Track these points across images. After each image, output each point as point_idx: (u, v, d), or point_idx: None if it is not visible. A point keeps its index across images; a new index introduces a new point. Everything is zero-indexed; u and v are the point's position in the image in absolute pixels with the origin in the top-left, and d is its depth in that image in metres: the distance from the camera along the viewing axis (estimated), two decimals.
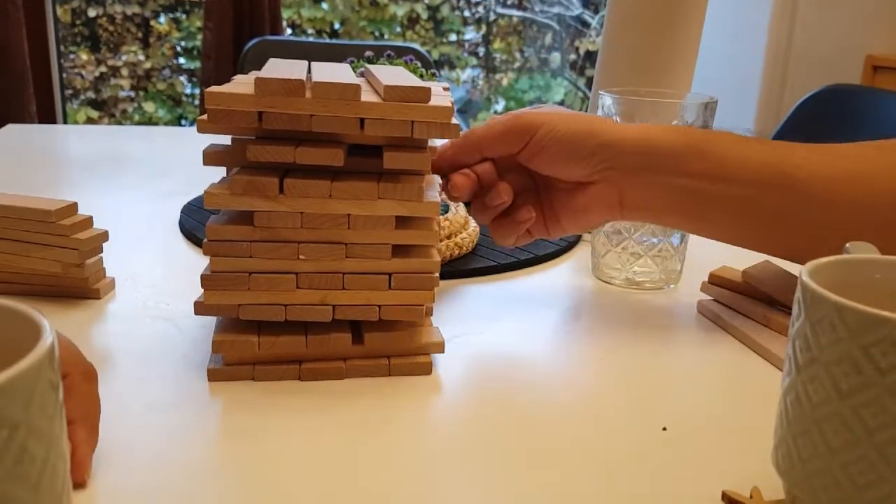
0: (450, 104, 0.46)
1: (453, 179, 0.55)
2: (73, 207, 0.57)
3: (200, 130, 0.45)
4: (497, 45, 3.36)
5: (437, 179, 0.56)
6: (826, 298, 0.32)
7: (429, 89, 0.45)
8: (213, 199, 0.45)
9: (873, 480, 0.31)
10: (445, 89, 0.53)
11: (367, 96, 0.45)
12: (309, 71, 0.51)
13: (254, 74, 0.54)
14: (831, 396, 0.32)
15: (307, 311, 0.47)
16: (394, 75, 0.49)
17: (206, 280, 0.46)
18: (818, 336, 0.32)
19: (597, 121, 0.56)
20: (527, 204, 0.57)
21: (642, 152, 0.54)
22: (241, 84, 0.47)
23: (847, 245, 0.43)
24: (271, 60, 0.53)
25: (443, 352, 0.50)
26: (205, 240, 0.46)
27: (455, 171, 0.56)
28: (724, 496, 0.38)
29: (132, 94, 3.09)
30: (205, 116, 0.45)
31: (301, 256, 0.46)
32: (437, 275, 0.48)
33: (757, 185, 0.54)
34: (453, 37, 3.33)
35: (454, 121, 0.46)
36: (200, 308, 0.47)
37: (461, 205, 0.77)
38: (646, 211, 0.56)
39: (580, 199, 0.56)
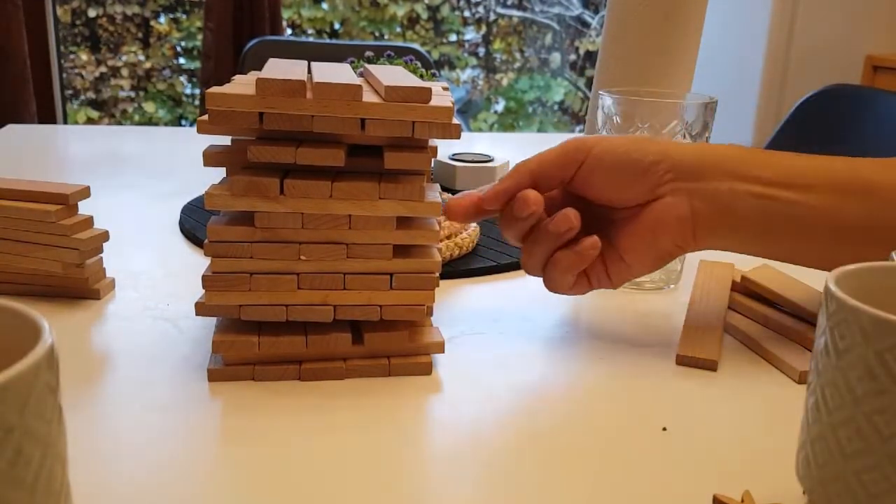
0: (450, 104, 0.46)
1: (525, 194, 0.49)
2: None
3: (200, 131, 0.45)
4: (497, 45, 3.36)
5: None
6: (844, 302, 0.31)
7: (430, 89, 0.45)
8: (213, 200, 0.45)
9: (886, 490, 0.31)
10: (445, 89, 0.53)
11: (367, 96, 0.45)
12: (309, 71, 0.51)
13: (254, 75, 0.54)
14: (846, 401, 0.31)
15: (308, 312, 0.47)
16: (393, 75, 0.49)
17: (207, 281, 0.46)
18: (836, 340, 0.32)
19: (649, 137, 0.52)
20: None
21: (704, 160, 0.51)
22: (242, 85, 0.47)
23: (894, 253, 0.42)
24: (271, 60, 0.53)
25: (443, 352, 0.50)
26: (206, 240, 0.46)
27: (500, 201, 0.51)
28: (715, 500, 0.38)
29: (132, 94, 3.09)
30: (205, 117, 0.45)
31: (302, 257, 0.46)
32: (437, 274, 0.48)
33: (835, 193, 0.50)
34: (453, 37, 3.33)
35: (455, 121, 0.46)
36: (201, 309, 0.47)
37: None
38: (720, 225, 0.51)
39: (646, 220, 0.51)
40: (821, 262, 0.53)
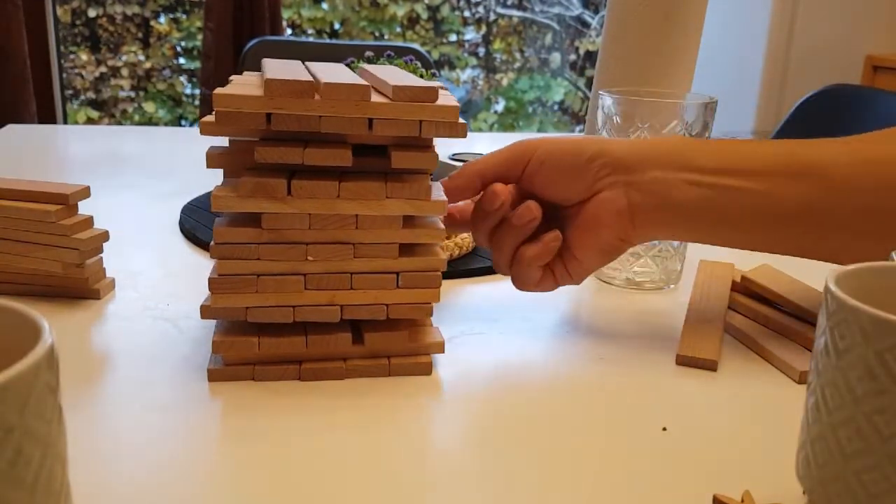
0: (456, 103, 0.46)
1: (494, 187, 0.51)
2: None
3: (204, 132, 0.45)
4: (497, 45, 3.35)
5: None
6: (844, 302, 0.31)
7: (436, 89, 0.45)
8: (220, 202, 0.45)
9: (886, 490, 0.30)
10: (443, 89, 0.53)
11: (372, 96, 0.46)
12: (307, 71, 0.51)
13: (249, 75, 0.54)
14: (846, 401, 0.31)
15: (315, 312, 0.47)
16: (395, 75, 0.50)
17: (213, 283, 0.46)
18: (836, 340, 0.32)
19: (591, 136, 0.55)
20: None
21: (643, 153, 0.52)
22: (247, 85, 0.47)
23: (893, 253, 0.42)
24: (269, 60, 0.53)
25: (443, 352, 0.50)
26: (212, 243, 0.46)
27: (449, 199, 0.52)
28: (715, 500, 0.38)
29: (132, 94, 3.09)
30: (208, 118, 0.45)
31: (309, 257, 0.46)
32: (441, 273, 0.48)
33: (776, 177, 0.50)
34: (453, 37, 3.33)
35: (461, 120, 0.46)
36: (207, 312, 0.47)
37: None
38: (657, 215, 0.51)
39: (587, 215, 0.52)
40: (764, 245, 0.53)
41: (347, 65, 0.80)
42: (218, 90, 0.44)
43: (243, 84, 0.48)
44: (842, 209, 0.50)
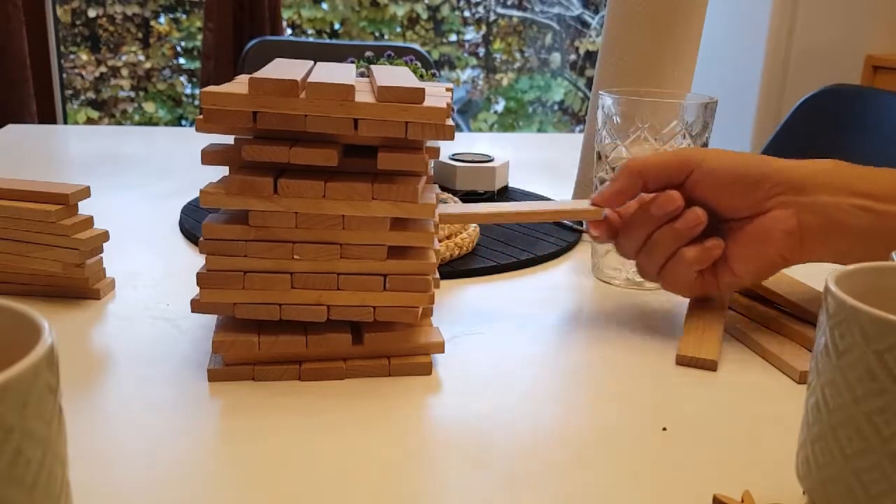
0: (445, 105, 0.45)
1: (670, 192, 0.53)
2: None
3: (199, 130, 0.46)
4: (497, 45, 3.35)
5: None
6: (844, 302, 0.31)
7: (423, 90, 0.45)
8: (208, 199, 0.45)
9: (886, 490, 0.30)
10: (448, 90, 0.53)
11: (366, 97, 0.45)
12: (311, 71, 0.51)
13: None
14: (846, 401, 0.31)
15: (302, 311, 0.47)
16: (391, 76, 0.49)
17: (201, 278, 0.46)
18: (836, 340, 0.32)
19: (758, 155, 0.55)
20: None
21: (811, 175, 0.52)
22: (238, 84, 0.47)
23: (893, 253, 0.42)
24: (276, 60, 0.53)
25: (443, 352, 0.50)
26: (201, 238, 0.46)
27: (615, 202, 0.55)
28: (715, 500, 0.38)
29: (132, 94, 3.09)
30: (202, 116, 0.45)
31: (296, 256, 0.46)
32: (432, 276, 0.48)
33: None
34: (453, 37, 3.33)
35: (449, 122, 0.46)
36: (197, 306, 0.47)
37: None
38: (826, 238, 0.52)
39: (754, 231, 0.53)
40: None
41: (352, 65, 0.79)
42: (207, 88, 0.44)
43: (238, 83, 0.48)
44: None
